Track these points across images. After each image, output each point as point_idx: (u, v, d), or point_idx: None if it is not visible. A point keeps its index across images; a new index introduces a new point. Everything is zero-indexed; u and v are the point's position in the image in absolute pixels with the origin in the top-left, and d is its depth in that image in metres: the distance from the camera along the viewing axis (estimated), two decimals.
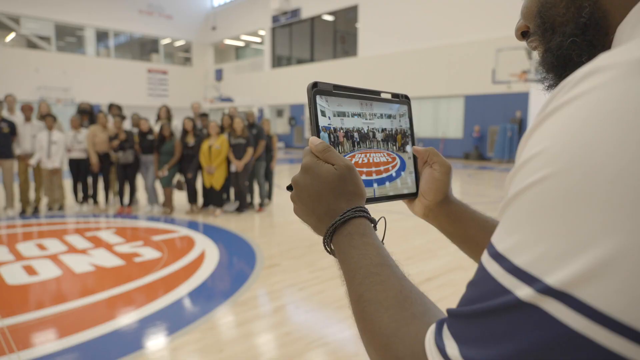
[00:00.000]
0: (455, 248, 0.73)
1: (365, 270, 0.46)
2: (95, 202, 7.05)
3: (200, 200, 7.00)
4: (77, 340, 2.83)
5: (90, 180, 6.90)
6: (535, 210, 0.30)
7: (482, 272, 0.33)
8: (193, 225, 6.08)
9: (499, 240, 0.32)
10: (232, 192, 7.03)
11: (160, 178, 6.60)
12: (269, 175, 7.34)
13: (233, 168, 6.52)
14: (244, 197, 6.77)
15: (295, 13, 21.90)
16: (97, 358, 2.63)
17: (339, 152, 0.57)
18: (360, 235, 0.49)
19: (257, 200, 7.28)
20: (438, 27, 15.89)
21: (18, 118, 6.66)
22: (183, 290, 3.70)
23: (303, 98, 22.26)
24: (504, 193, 0.34)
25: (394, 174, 0.67)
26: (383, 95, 0.67)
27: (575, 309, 0.27)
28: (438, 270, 4.16)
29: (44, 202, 7.02)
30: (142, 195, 7.51)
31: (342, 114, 0.59)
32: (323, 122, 0.56)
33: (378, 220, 0.55)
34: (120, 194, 6.88)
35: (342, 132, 0.58)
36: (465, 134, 16.32)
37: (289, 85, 22.40)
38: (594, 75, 0.30)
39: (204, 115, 7.02)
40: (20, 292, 3.67)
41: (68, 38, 23.22)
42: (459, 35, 15.37)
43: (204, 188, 6.83)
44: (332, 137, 0.57)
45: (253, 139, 6.61)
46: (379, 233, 0.54)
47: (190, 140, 6.57)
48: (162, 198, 6.96)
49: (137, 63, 24.57)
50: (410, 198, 0.70)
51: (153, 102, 23.16)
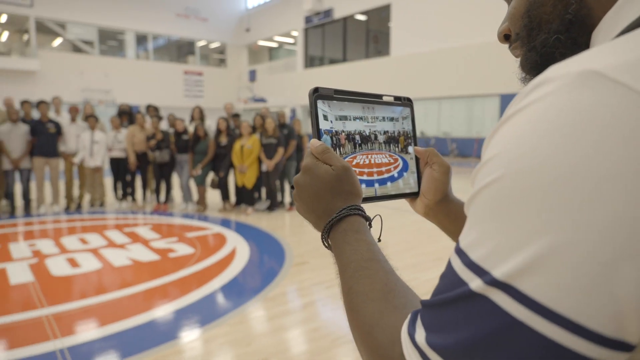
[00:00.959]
0: None
1: (356, 265, 0.49)
2: (134, 199, 7.34)
3: (233, 199, 7.17)
4: (115, 329, 2.99)
5: (129, 179, 7.19)
6: (487, 210, 0.33)
7: (448, 266, 0.37)
8: (225, 223, 6.24)
9: (463, 237, 0.36)
10: (263, 191, 7.16)
11: (195, 177, 6.81)
12: None
13: (264, 167, 6.65)
14: (275, 196, 6.89)
15: (328, 13, 21.97)
16: (133, 346, 2.77)
17: (341, 153, 0.61)
18: (354, 232, 0.53)
19: (287, 200, 7.39)
20: (472, 24, 15.59)
21: (64, 119, 7.03)
22: (215, 285, 3.83)
23: None
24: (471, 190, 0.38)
25: (396, 175, 0.70)
26: (385, 99, 0.70)
27: (517, 299, 0.30)
28: None
29: (87, 198, 7.36)
30: (177, 193, 7.76)
31: (343, 118, 0.62)
32: (325, 125, 0.60)
33: (373, 218, 0.59)
34: (157, 192, 7.14)
35: (343, 134, 0.62)
36: None
37: (321, 86, 22.45)
38: (542, 86, 0.33)
39: (236, 116, 7.19)
40: (64, 283, 3.90)
41: (110, 42, 24.16)
42: (494, 33, 14.99)
43: (236, 187, 7.00)
44: (334, 139, 0.60)
45: (284, 139, 6.72)
46: (377, 230, 0.57)
47: (223, 140, 6.75)
48: (196, 196, 7.17)
49: (174, 65, 25.28)
50: (412, 197, 0.73)
51: (189, 102, 23.77)
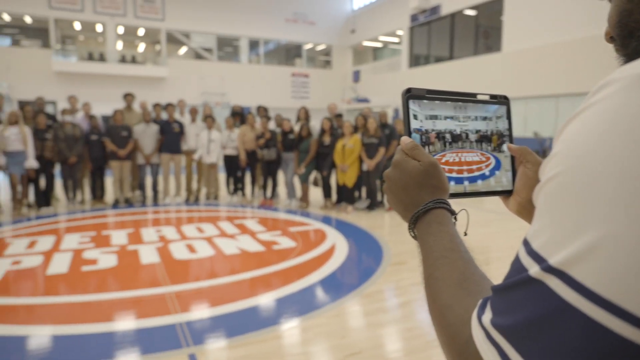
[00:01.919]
0: None
1: (437, 254, 0.53)
2: (243, 194, 7.90)
3: (334, 197, 7.37)
4: (223, 311, 3.29)
5: (240, 175, 7.77)
6: (547, 202, 0.37)
7: (516, 254, 0.40)
8: (326, 220, 6.45)
9: (530, 228, 0.40)
10: (363, 190, 7.26)
11: (299, 174, 7.13)
12: None
13: (365, 167, 6.74)
14: (375, 195, 6.94)
15: (435, 10, 21.36)
16: (238, 328, 3.02)
17: (430, 151, 0.65)
18: (438, 224, 0.56)
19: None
20: (594, 14, 14.04)
21: (186, 119, 7.82)
22: (314, 278, 4.00)
23: None
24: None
25: (487, 173, 0.71)
26: (480, 97, 0.70)
27: (569, 285, 0.33)
28: None
29: (203, 192, 8.10)
30: (282, 190, 8.18)
31: (434, 117, 0.66)
32: (415, 124, 0.64)
33: (458, 212, 0.62)
34: (264, 188, 7.61)
35: (433, 133, 0.65)
36: None
37: (426, 85, 21.66)
38: (606, 87, 0.36)
39: (339, 116, 7.37)
40: (184, 265, 4.37)
41: (226, 48, 26.15)
42: None
43: (338, 185, 7.18)
44: (423, 137, 0.64)
45: (385, 139, 6.73)
46: (462, 225, 0.60)
47: (326, 139, 6.97)
48: (299, 193, 7.50)
49: (282, 68, 26.55)
50: (505, 195, 0.73)
51: (295, 103, 24.75)
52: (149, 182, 7.68)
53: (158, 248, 4.86)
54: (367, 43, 27.25)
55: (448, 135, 0.67)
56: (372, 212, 6.92)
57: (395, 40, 26.01)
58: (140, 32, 23.72)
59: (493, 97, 0.72)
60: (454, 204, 0.62)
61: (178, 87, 21.99)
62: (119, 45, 22.53)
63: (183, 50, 25.30)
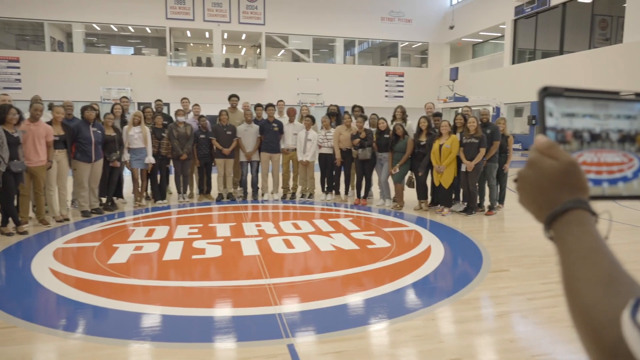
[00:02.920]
0: None
1: (578, 253, 0.51)
2: (337, 192, 8.03)
3: (429, 198, 7.19)
4: (319, 305, 3.38)
5: (334, 174, 7.90)
6: None
7: None
8: (420, 222, 6.32)
9: None
10: (461, 192, 6.99)
11: (393, 174, 7.07)
12: (502, 178, 6.99)
13: (463, 168, 6.48)
14: (474, 198, 6.65)
15: (544, 1, 19.80)
16: (327, 325, 3.09)
17: (565, 150, 0.61)
18: (578, 224, 0.54)
19: (486, 203, 7.04)
20: None
21: (284, 119, 8.14)
22: (408, 280, 3.95)
23: None
24: None
25: (630, 175, 0.66)
26: (624, 96, 0.65)
27: None
28: None
29: (299, 189, 8.37)
30: (375, 190, 8.16)
31: (570, 115, 0.62)
32: (550, 122, 0.61)
33: (600, 214, 0.58)
34: (358, 187, 7.66)
35: (570, 131, 0.62)
36: None
37: (531, 81, 20.44)
38: None
39: (437, 115, 7.16)
40: (281, 259, 4.56)
41: (322, 49, 26.71)
42: None
43: (433, 186, 6.99)
44: (558, 136, 0.61)
45: (486, 139, 6.41)
46: (604, 229, 0.57)
47: (423, 139, 6.82)
48: (393, 193, 7.43)
49: (376, 67, 26.46)
50: None
51: (389, 103, 24.52)
52: (249, 179, 8.13)
53: (257, 241, 5.14)
54: (466, 39, 26.11)
55: (586, 134, 0.64)
56: (469, 215, 6.63)
57: (497, 35, 24.59)
58: (243, 36, 25.11)
59: (639, 94, 0.67)
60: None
61: (276, 88, 22.95)
62: (224, 50, 24.07)
63: (281, 53, 26.35)
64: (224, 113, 7.70)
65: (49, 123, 6.01)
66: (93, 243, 5.09)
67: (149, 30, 23.52)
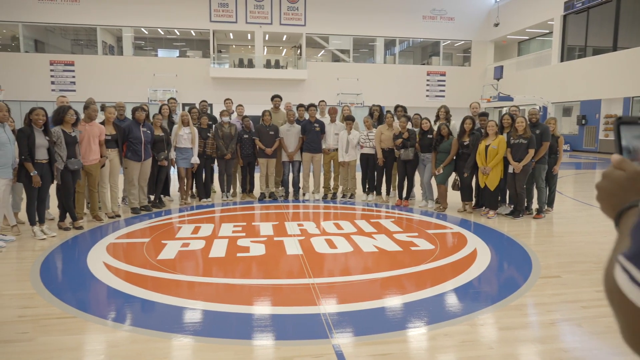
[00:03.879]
0: None
1: (624, 233, 0.60)
2: (379, 193, 7.97)
3: (474, 200, 7.01)
4: (358, 307, 3.36)
5: (376, 174, 7.84)
6: None
7: None
8: (464, 224, 6.17)
9: None
10: (507, 194, 6.78)
11: (437, 175, 6.94)
12: (551, 180, 6.72)
13: (511, 169, 6.28)
14: (521, 200, 6.43)
15: None
16: (372, 327, 3.06)
17: (635, 164, 0.71)
18: (636, 216, 0.60)
19: (535, 206, 6.79)
20: None
21: (325, 119, 8.15)
22: (456, 283, 3.86)
23: (599, 93, 19.08)
24: None
25: None
26: None
27: None
28: None
29: (339, 189, 8.37)
30: (417, 191, 8.05)
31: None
32: (624, 142, 0.71)
33: None
34: (400, 188, 7.57)
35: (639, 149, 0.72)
36: None
37: (582, 79, 19.59)
38: None
39: (484, 115, 6.96)
40: (325, 259, 4.57)
41: (362, 49, 26.60)
42: None
43: (478, 188, 6.81)
44: (630, 154, 0.71)
45: (535, 140, 6.19)
46: None
47: (466, 139, 6.66)
48: (436, 194, 7.30)
49: (417, 67, 26.09)
50: None
51: (430, 103, 24.13)
52: (291, 178, 8.20)
53: (300, 241, 5.17)
54: (511, 36, 25.31)
55: None
56: (516, 219, 6.42)
57: (545, 32, 23.69)
58: (284, 37, 25.37)
59: None
60: None
61: (316, 88, 23.05)
62: (265, 51, 24.42)
63: (321, 53, 26.43)
64: (267, 113, 7.80)
65: (102, 123, 6.29)
66: (143, 239, 5.29)
67: (194, 33, 24.19)
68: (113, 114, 6.38)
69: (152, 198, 7.20)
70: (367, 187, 7.92)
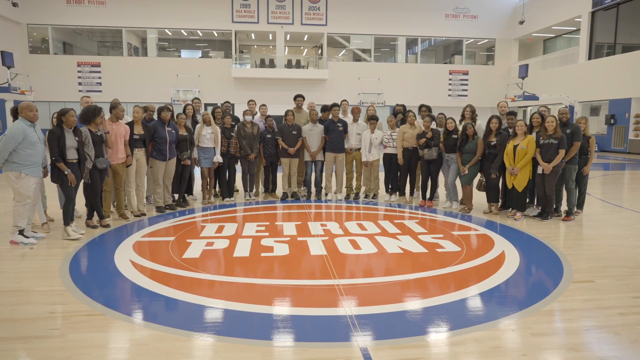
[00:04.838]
0: None
1: None
2: (402, 194, 7.87)
3: (500, 201, 6.86)
4: (386, 310, 3.30)
5: (399, 174, 7.75)
6: None
7: None
8: (491, 226, 6.04)
9: None
10: (535, 195, 6.61)
11: (462, 176, 6.82)
12: (582, 181, 6.52)
13: (540, 170, 6.12)
14: (550, 202, 6.25)
15: None
16: (391, 331, 2.99)
17: None
18: None
19: (564, 208, 6.60)
20: None
21: (348, 119, 8.10)
22: (484, 287, 3.77)
23: (629, 92, 18.49)
24: None
25: None
26: None
27: None
28: None
29: (362, 190, 8.30)
30: (442, 191, 7.92)
31: None
32: None
33: None
34: (423, 189, 7.46)
35: None
36: None
37: (610, 78, 19.04)
38: None
39: (512, 114, 6.79)
40: (349, 260, 4.52)
41: (383, 49, 26.41)
42: None
43: (505, 189, 6.66)
44: None
45: (566, 140, 6.01)
46: None
47: (493, 139, 6.52)
48: (461, 195, 7.16)
49: (439, 66, 25.76)
50: None
51: (453, 102, 23.82)
52: (313, 178, 8.17)
53: (324, 241, 5.14)
54: (536, 34, 24.77)
55: None
56: (545, 221, 6.25)
57: (572, 29, 23.11)
58: (305, 37, 25.38)
59: None
60: None
61: (337, 88, 22.99)
62: (286, 51, 24.48)
63: (342, 53, 26.35)
64: (290, 113, 7.79)
65: (130, 123, 6.38)
66: (168, 237, 5.33)
67: (216, 34, 24.42)
68: (139, 114, 6.47)
69: (176, 197, 7.27)
70: (390, 187, 7.84)
